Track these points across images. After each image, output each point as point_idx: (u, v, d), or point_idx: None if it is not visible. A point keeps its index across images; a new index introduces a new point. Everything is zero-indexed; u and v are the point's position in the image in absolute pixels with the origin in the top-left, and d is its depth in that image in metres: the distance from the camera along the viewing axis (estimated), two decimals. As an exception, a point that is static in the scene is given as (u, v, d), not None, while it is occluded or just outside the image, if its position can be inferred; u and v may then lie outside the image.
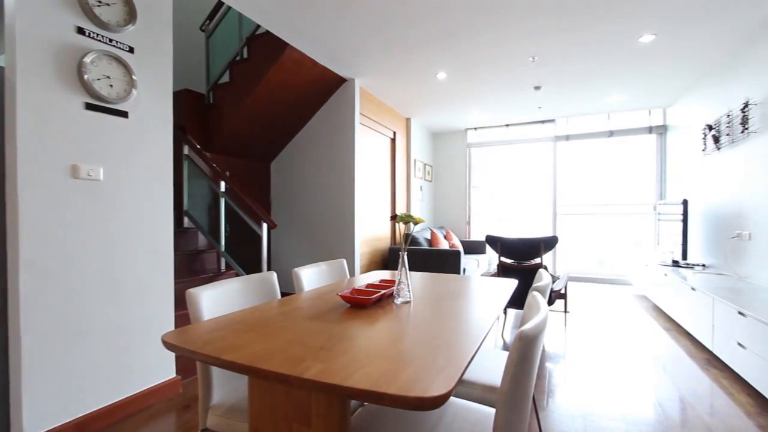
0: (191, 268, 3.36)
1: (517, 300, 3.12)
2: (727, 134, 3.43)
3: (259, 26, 3.63)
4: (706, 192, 3.98)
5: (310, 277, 1.94)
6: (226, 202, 3.46)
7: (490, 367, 1.50)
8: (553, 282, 3.33)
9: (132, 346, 2.07)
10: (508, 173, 6.73)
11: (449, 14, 2.84)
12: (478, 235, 6.74)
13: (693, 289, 2.99)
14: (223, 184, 3.45)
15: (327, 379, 0.78)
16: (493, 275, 3.59)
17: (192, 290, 1.33)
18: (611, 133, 5.70)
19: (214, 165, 3.48)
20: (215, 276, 3.28)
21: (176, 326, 2.37)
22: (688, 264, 3.91)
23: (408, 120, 5.79)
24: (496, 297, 1.60)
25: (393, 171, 5.39)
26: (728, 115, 3.41)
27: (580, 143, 5.97)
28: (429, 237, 5.23)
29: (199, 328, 1.16)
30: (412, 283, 1.91)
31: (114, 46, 1.98)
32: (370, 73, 4.03)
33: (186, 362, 2.47)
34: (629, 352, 2.94)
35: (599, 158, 6.04)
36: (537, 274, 1.55)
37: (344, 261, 2.21)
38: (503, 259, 3.43)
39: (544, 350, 2.98)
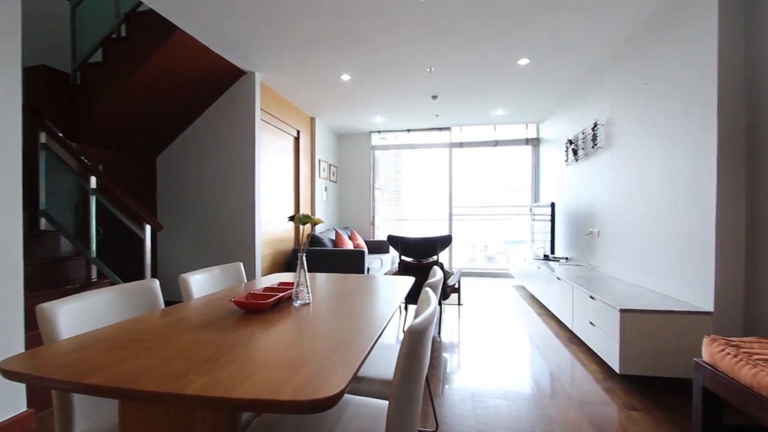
0: (52, 279, 2.83)
1: (417, 296, 3.30)
2: (583, 148, 4.10)
3: (141, 2, 3.22)
4: (568, 196, 4.71)
5: (201, 283, 1.79)
6: (98, 200, 3.00)
7: (389, 362, 1.56)
8: (448, 278, 3.60)
9: (-41, 380, 1.66)
10: (410, 176, 7.08)
11: (351, 17, 2.88)
12: (382, 235, 6.95)
13: (558, 278, 3.50)
14: (93, 179, 2.98)
15: (211, 393, 0.72)
16: (395, 273, 3.74)
17: (44, 305, 1.12)
18: (496, 143, 6.39)
19: (83, 157, 2.99)
20: (85, 287, 2.82)
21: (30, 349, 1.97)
22: (555, 258, 4.57)
23: (312, 119, 5.70)
24: (394, 294, 1.67)
25: (297, 171, 5.26)
26: (583, 133, 4.09)
27: (471, 150, 6.56)
28: (334, 237, 5.23)
29: (55, 350, 0.98)
30: (315, 285, 1.88)
31: (-69, 2, 1.57)
32: (272, 68, 3.88)
33: (42, 392, 2.07)
34: (511, 336, 3.32)
35: (487, 165, 6.72)
36: (431, 271, 1.66)
37: (241, 264, 2.08)
38: (404, 257, 3.59)
39: (440, 341, 3.20)
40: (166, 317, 1.29)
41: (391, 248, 6.18)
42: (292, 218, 1.42)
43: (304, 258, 1.40)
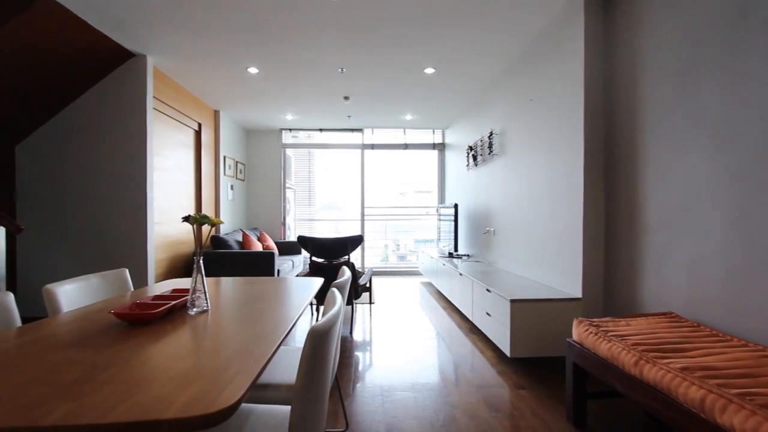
0: None
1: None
2: (481, 154, 4.49)
3: (-9, -41, 2.65)
4: (469, 198, 5.11)
5: (73, 294, 1.54)
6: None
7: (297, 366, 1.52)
8: (359, 277, 3.64)
9: None
10: (323, 176, 7.02)
11: (258, 6, 2.74)
12: (294, 236, 6.76)
13: (460, 274, 3.77)
14: None
15: (76, 421, 0.63)
16: (306, 275, 3.67)
17: None
18: (406, 146, 6.66)
19: None
20: None
21: None
22: (458, 255, 4.93)
23: (217, 113, 5.31)
24: (302, 296, 1.63)
25: (198, 167, 4.84)
26: (481, 140, 4.48)
27: (383, 153, 6.74)
28: (241, 239, 4.94)
29: None
30: (219, 290, 1.75)
31: None
32: (168, 53, 3.51)
33: None
34: (419, 330, 3.49)
35: (398, 167, 6.98)
36: (340, 271, 1.66)
37: (126, 271, 1.84)
38: (314, 258, 3.54)
39: (352, 340, 3.23)
40: (23, 337, 1.08)
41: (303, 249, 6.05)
42: (187, 219, 1.30)
43: (201, 262, 1.29)
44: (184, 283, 1.94)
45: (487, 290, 2.95)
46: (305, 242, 3.48)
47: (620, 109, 2.44)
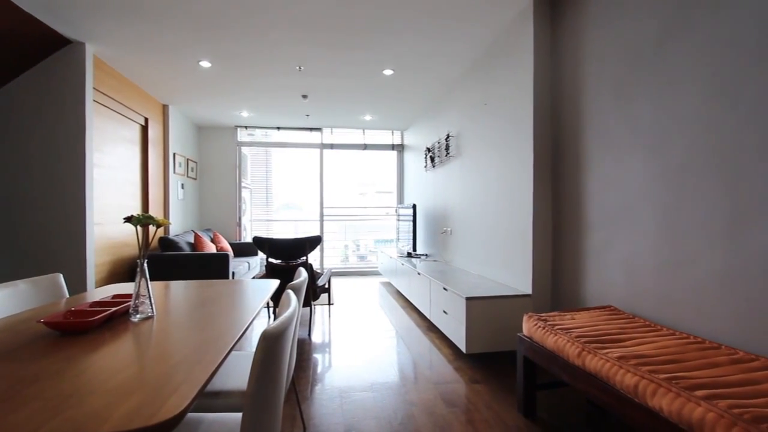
0: None
1: (286, 299, 3.21)
2: (438, 156, 4.59)
3: None
4: (427, 199, 5.21)
5: (-3, 303, 1.40)
6: None
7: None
8: (318, 278, 3.60)
9: None
10: (281, 175, 6.85)
11: None
12: (251, 237, 6.54)
13: (419, 273, 3.83)
14: None
15: (-6, 443, 0.57)
16: (262, 276, 3.56)
17: None
18: (365, 147, 6.67)
19: None
20: None
21: None
22: (417, 255, 5.00)
23: (165, 107, 5.02)
24: (256, 298, 1.59)
25: (145, 165, 4.56)
26: (439, 142, 4.57)
27: (342, 153, 6.70)
28: (192, 240, 4.71)
29: None
30: (167, 294, 1.66)
31: None
32: (111, 41, 3.27)
33: None
34: (378, 330, 3.50)
35: (358, 167, 6.97)
36: (296, 272, 1.63)
37: (60, 276, 1.69)
38: (271, 259, 3.45)
39: (311, 342, 3.18)
40: (-68, 352, 0.96)
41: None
42: (129, 219, 1.22)
43: (145, 265, 1.22)
44: (127, 288, 1.82)
45: (444, 289, 3.02)
46: (261, 243, 3.38)
47: (566, 114, 2.58)
